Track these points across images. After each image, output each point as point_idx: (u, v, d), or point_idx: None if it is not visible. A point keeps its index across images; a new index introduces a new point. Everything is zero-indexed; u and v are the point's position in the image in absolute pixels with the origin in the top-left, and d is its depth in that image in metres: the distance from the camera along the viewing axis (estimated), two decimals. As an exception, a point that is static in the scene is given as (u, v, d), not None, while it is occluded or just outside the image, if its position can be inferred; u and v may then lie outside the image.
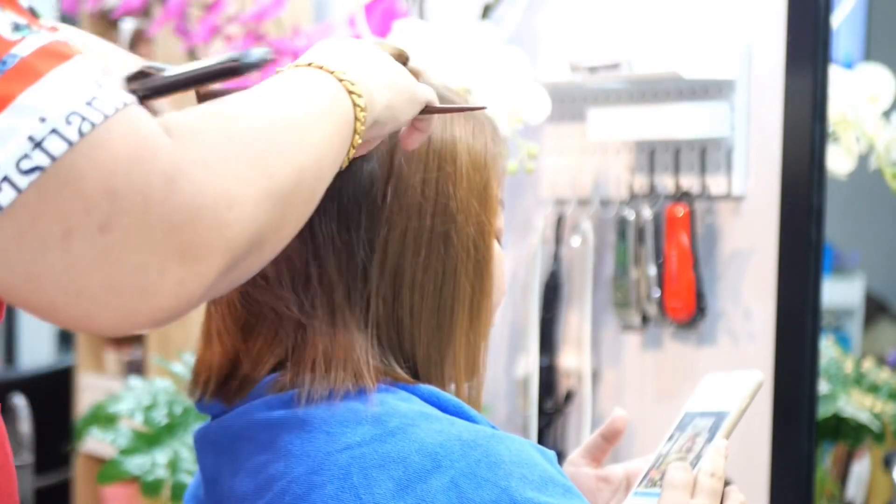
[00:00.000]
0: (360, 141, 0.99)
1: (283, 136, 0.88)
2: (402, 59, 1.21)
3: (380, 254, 1.14)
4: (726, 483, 1.18)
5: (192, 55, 2.76)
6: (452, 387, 1.20)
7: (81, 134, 0.75)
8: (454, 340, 1.17)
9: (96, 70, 0.79)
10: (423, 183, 1.15)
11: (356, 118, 0.98)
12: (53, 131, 0.75)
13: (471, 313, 1.18)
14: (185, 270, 0.78)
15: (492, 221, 1.20)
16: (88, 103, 0.76)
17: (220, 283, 0.82)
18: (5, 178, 0.74)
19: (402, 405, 1.10)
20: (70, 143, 0.75)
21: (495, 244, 1.22)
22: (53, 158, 0.75)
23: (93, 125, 0.76)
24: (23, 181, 0.74)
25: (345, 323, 1.14)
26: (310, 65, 0.99)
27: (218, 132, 0.84)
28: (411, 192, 1.15)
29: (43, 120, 0.75)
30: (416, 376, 1.16)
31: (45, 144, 0.75)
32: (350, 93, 0.98)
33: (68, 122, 0.76)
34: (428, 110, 1.12)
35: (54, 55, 0.78)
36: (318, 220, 1.13)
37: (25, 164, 0.75)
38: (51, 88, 0.76)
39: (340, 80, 0.98)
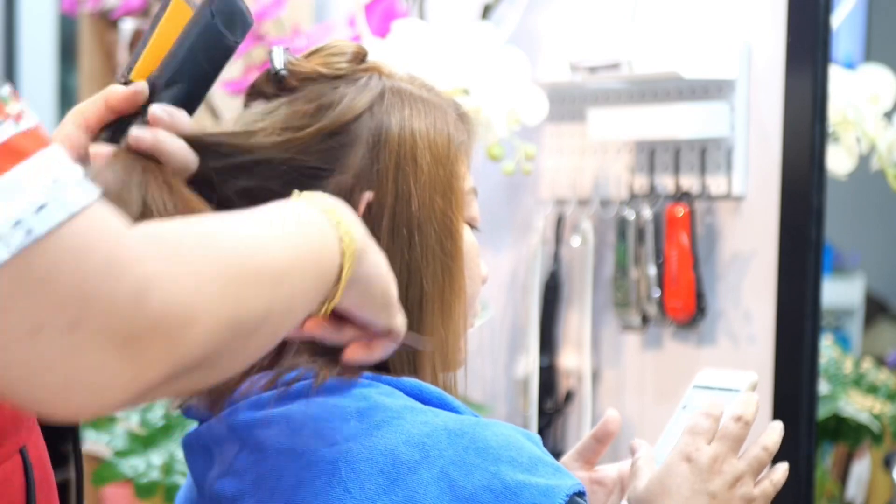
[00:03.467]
0: (340, 295, 0.98)
1: (260, 271, 0.89)
2: (360, 55, 1.20)
3: None
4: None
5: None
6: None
7: (18, 250, 0.77)
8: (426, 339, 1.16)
9: (63, 163, 0.80)
10: (380, 186, 1.14)
11: (341, 265, 0.97)
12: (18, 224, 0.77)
13: (442, 311, 1.16)
14: (133, 374, 0.81)
15: (458, 217, 1.17)
16: (39, 209, 0.78)
17: (164, 388, 0.85)
18: None
19: (385, 399, 1.10)
20: (10, 252, 0.77)
21: (468, 233, 1.19)
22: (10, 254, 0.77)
23: (32, 235, 0.78)
24: None
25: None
26: (311, 200, 0.99)
27: (197, 250, 0.85)
28: (370, 195, 1.13)
29: None
30: (391, 373, 1.16)
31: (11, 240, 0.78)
32: (341, 240, 0.97)
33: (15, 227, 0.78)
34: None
35: (13, 153, 0.78)
36: None
37: None
38: (7, 189, 0.78)
39: (334, 221, 0.97)
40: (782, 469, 1.25)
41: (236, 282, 0.86)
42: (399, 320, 1.07)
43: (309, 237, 0.95)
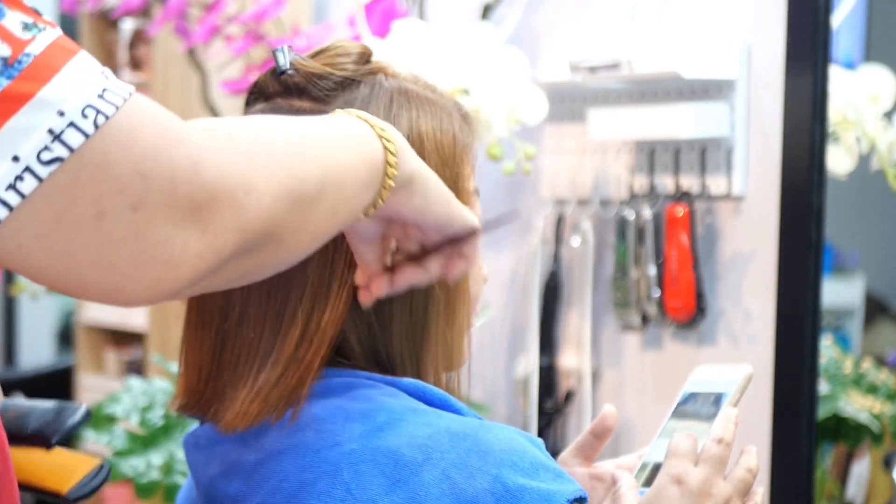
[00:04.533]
0: (392, 185, 1.01)
1: (309, 147, 0.94)
2: (366, 56, 1.20)
3: (349, 261, 1.13)
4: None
5: (191, 55, 2.76)
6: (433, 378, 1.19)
7: (97, 126, 0.82)
8: (430, 340, 1.16)
9: (95, 61, 0.86)
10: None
11: (387, 162, 1.01)
12: (71, 124, 0.81)
13: (447, 313, 1.16)
14: (205, 244, 0.85)
15: None
16: (100, 95, 0.83)
17: (235, 266, 0.89)
18: (27, 169, 0.81)
19: (388, 401, 1.10)
20: (86, 135, 0.81)
21: None
22: (72, 150, 0.81)
23: (106, 117, 0.82)
24: (43, 171, 0.81)
25: (319, 328, 1.13)
26: (348, 113, 1.03)
27: (245, 133, 0.91)
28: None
29: (61, 114, 0.81)
30: (394, 374, 1.16)
31: (65, 137, 0.81)
32: (381, 137, 1.01)
33: (84, 115, 0.82)
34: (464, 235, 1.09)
35: (63, 50, 0.83)
36: None
37: (46, 156, 0.81)
38: (66, 83, 0.82)
39: (372, 127, 1.01)
40: (761, 491, 1.24)
41: (287, 155, 0.91)
42: (471, 214, 1.10)
43: (352, 131, 1.00)
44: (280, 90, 1.17)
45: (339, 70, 1.17)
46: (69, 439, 1.25)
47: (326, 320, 1.12)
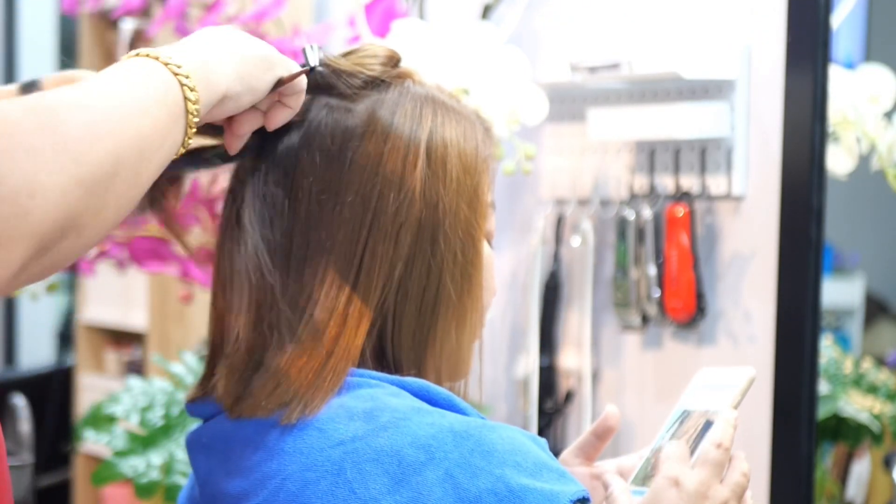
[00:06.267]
0: (196, 120, 1.01)
1: (99, 125, 0.90)
2: (394, 59, 1.21)
3: (367, 256, 1.14)
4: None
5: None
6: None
7: None
8: (437, 343, 1.17)
9: None
10: (411, 187, 1.15)
11: (186, 98, 1.00)
12: None
13: (457, 316, 1.18)
14: None
15: (481, 225, 1.19)
16: None
17: (33, 268, 0.85)
18: None
19: (392, 400, 1.11)
20: None
21: (485, 246, 1.21)
22: None
23: None
24: None
25: (326, 324, 1.14)
26: (137, 55, 1.01)
27: (31, 123, 0.86)
28: (399, 196, 1.15)
29: None
30: (398, 373, 1.16)
31: None
32: (176, 75, 1.00)
33: None
34: (283, 81, 1.13)
35: None
36: (309, 220, 1.13)
37: None
38: None
39: (166, 65, 1.00)
40: (751, 495, 1.24)
41: (74, 141, 0.87)
42: (287, 64, 1.13)
43: (144, 79, 0.98)
44: (309, 87, 1.18)
45: (369, 70, 1.18)
46: None
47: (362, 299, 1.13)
